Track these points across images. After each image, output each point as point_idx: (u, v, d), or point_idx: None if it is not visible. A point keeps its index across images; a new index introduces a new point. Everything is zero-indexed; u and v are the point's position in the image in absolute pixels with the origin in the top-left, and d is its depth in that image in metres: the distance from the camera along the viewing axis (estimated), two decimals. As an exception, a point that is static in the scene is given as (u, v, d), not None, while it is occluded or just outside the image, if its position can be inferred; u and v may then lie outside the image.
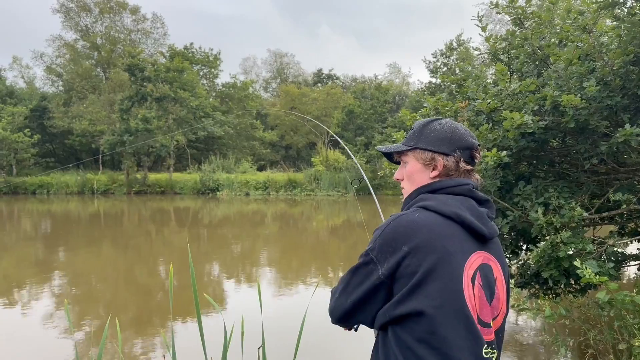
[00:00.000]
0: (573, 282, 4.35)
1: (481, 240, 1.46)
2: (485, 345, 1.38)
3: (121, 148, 31.16)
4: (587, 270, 3.21)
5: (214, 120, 35.76)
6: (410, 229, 1.40)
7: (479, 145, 1.60)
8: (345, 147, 2.69)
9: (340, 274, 10.32)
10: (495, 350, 1.41)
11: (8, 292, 8.73)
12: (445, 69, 34.27)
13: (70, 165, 35.02)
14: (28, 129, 34.70)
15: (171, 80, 32.95)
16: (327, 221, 20.20)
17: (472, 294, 1.39)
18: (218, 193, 31.30)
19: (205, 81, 43.56)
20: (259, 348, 2.99)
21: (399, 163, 1.69)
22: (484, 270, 1.44)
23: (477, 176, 1.58)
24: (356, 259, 1.53)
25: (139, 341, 6.39)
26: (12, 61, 49.60)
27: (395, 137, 4.66)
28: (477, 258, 1.43)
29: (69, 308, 2.84)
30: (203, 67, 42.78)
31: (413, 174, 1.59)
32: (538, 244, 4.74)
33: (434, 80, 36.07)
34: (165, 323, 7.22)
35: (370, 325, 1.51)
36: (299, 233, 17.34)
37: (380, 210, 2.31)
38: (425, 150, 1.56)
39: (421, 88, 38.12)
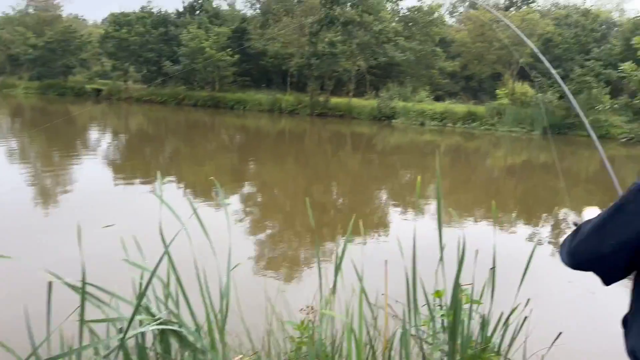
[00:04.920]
0: None
1: None
2: None
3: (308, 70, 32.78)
4: None
5: (395, 46, 35.23)
6: None
7: None
8: (554, 73, 2.45)
9: (515, 216, 9.89)
10: None
11: (207, 194, 10.26)
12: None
13: (263, 85, 38.16)
14: (229, 49, 38.43)
15: (357, 4, 33.08)
16: (505, 159, 19.16)
17: None
18: (393, 121, 31.52)
19: (389, 4, 42.65)
20: (490, 269, 2.93)
21: None
22: None
23: None
24: (534, 203, 1.51)
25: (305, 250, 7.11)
26: (219, -15, 54.39)
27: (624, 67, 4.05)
28: None
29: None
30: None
31: None
32: None
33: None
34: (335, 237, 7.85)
35: (609, 276, 1.40)
36: (472, 169, 16.82)
37: (604, 157, 2.04)
38: None
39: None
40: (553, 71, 2.70)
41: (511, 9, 43.88)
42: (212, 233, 2.32)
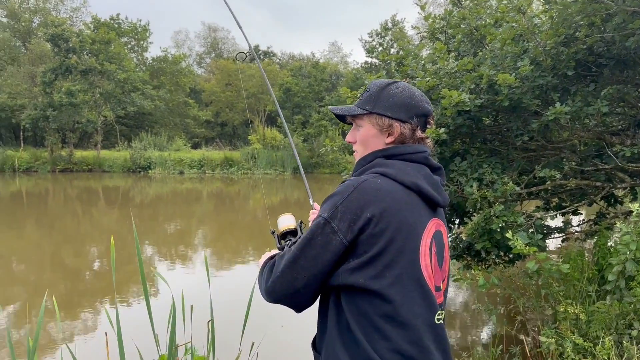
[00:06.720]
0: (503, 254, 4.59)
1: (434, 207, 1.48)
2: (438, 311, 1.41)
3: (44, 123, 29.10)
4: (518, 242, 3.38)
5: (143, 95, 34.07)
6: (375, 196, 1.36)
7: (432, 111, 1.58)
8: (284, 122, 2.61)
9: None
10: (443, 310, 1.46)
11: None
12: (381, 48, 34.64)
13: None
14: None
15: (97, 52, 31.03)
16: (264, 200, 20.10)
17: (428, 263, 1.41)
18: (150, 171, 30.21)
19: (133, 54, 41.39)
20: (208, 322, 2.94)
21: (350, 124, 1.61)
22: (437, 237, 1.46)
23: (430, 142, 1.57)
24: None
25: (70, 322, 6.10)
26: None
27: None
28: (432, 226, 1.45)
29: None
30: (131, 39, 40.56)
31: (368, 138, 1.53)
32: (471, 218, 4.95)
33: (369, 60, 36.49)
34: (94, 304, 6.94)
35: (302, 306, 1.46)
36: (236, 212, 17.14)
37: (309, 190, 2.28)
38: (382, 115, 1.49)
39: (356, 68, 38.46)
40: (285, 123, 2.90)
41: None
42: None
